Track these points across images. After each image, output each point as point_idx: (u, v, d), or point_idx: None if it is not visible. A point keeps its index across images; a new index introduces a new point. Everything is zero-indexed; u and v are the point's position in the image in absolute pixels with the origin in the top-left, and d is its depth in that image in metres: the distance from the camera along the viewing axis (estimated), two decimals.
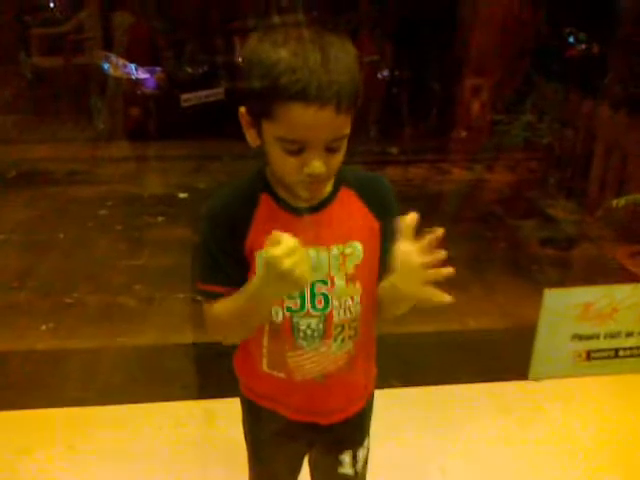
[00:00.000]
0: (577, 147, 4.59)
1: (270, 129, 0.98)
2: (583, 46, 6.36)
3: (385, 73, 6.37)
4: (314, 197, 1.07)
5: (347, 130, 1.00)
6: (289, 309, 1.10)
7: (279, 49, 0.94)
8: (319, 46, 0.94)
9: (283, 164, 1.00)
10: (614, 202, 3.68)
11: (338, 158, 1.02)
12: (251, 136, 1.04)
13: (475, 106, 5.73)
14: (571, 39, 6.50)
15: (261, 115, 0.99)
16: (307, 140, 0.96)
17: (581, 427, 2.28)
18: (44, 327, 2.92)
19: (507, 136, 4.71)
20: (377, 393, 1.34)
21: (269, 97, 0.94)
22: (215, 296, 1.11)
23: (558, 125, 4.67)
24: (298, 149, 0.97)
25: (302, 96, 0.92)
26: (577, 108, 4.62)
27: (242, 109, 1.03)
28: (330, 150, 0.99)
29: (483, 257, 3.80)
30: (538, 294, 2.49)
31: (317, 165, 0.98)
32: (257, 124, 1.01)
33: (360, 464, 1.31)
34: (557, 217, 4.33)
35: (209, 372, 2.45)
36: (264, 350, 1.16)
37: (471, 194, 4.89)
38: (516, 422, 2.29)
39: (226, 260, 1.09)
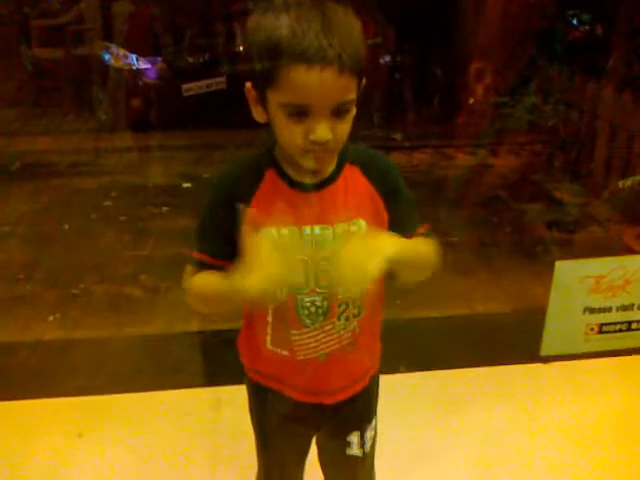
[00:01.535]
0: (582, 129, 4.55)
1: (274, 97, 0.98)
2: (587, 27, 6.29)
3: (387, 59, 6.33)
4: (320, 168, 1.06)
5: (352, 95, 0.99)
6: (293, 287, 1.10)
7: (281, 15, 0.94)
8: (321, 12, 0.94)
9: (289, 133, 0.99)
10: (620, 183, 3.66)
11: (344, 127, 1.01)
12: (257, 112, 1.04)
13: (479, 90, 5.69)
14: (574, 21, 6.42)
15: (265, 84, 0.98)
16: (311, 104, 0.96)
17: (591, 410, 2.28)
18: (51, 318, 2.92)
19: (511, 119, 4.67)
20: (385, 378, 1.34)
21: (271, 62, 0.94)
22: (199, 264, 1.12)
23: (563, 107, 4.63)
24: (303, 114, 0.96)
25: (304, 58, 0.92)
26: (581, 90, 4.58)
27: (248, 84, 1.03)
28: (336, 115, 0.98)
29: (489, 241, 3.78)
30: (545, 277, 2.48)
31: (322, 129, 0.97)
32: (262, 97, 1.01)
33: (368, 445, 1.31)
34: (563, 200, 4.31)
35: (216, 360, 2.45)
36: (268, 327, 1.16)
37: (476, 179, 4.86)
38: (525, 406, 2.29)
39: (219, 233, 1.10)
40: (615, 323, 2.41)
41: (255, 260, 0.95)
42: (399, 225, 1.12)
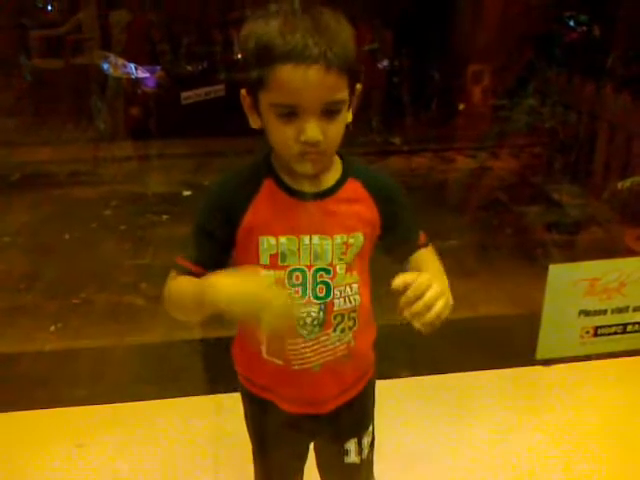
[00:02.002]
0: (581, 130, 4.55)
1: (265, 98, 0.99)
2: (584, 28, 6.29)
3: (385, 63, 6.35)
4: (315, 173, 1.06)
5: (342, 95, 0.99)
6: (290, 297, 1.10)
7: (272, 20, 0.96)
8: (310, 15, 0.96)
9: (281, 135, 1.00)
10: (619, 184, 3.66)
11: (335, 128, 1.01)
12: (253, 118, 1.05)
13: (476, 93, 5.70)
14: (571, 22, 6.43)
15: (256, 87, 0.99)
16: (300, 103, 0.96)
17: (591, 411, 2.28)
18: (52, 328, 2.93)
19: (510, 122, 4.67)
20: (385, 382, 1.34)
21: (261, 63, 0.96)
22: (181, 270, 1.11)
23: (561, 109, 4.63)
24: (292, 114, 0.97)
25: (290, 56, 0.93)
26: (580, 91, 4.58)
27: (243, 91, 1.04)
28: (326, 115, 0.98)
29: (489, 244, 3.78)
30: (545, 279, 2.47)
31: (312, 129, 0.97)
32: (255, 102, 1.02)
33: (366, 451, 1.31)
34: (562, 201, 4.30)
35: (217, 367, 2.44)
36: (264, 337, 1.15)
37: (475, 182, 4.86)
38: (526, 408, 2.28)
39: (207, 241, 1.10)
40: (610, 325, 2.40)
41: (240, 277, 0.95)
42: (404, 239, 1.15)
